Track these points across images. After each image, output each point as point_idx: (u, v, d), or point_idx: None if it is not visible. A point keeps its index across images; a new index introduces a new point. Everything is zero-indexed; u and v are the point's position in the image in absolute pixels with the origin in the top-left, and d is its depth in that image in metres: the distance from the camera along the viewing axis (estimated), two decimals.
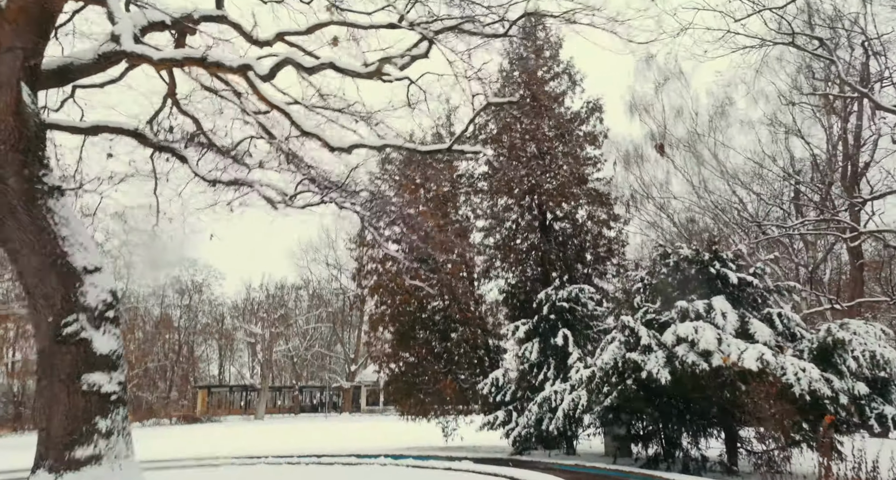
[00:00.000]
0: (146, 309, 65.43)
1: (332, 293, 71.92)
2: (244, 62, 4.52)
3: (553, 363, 12.95)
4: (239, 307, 71.83)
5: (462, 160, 15.98)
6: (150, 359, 53.41)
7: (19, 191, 6.69)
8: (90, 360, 6.55)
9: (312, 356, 72.91)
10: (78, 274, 6.76)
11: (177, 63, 4.62)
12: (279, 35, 10.04)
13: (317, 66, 4.46)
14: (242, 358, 78.94)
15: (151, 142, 7.96)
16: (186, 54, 4.55)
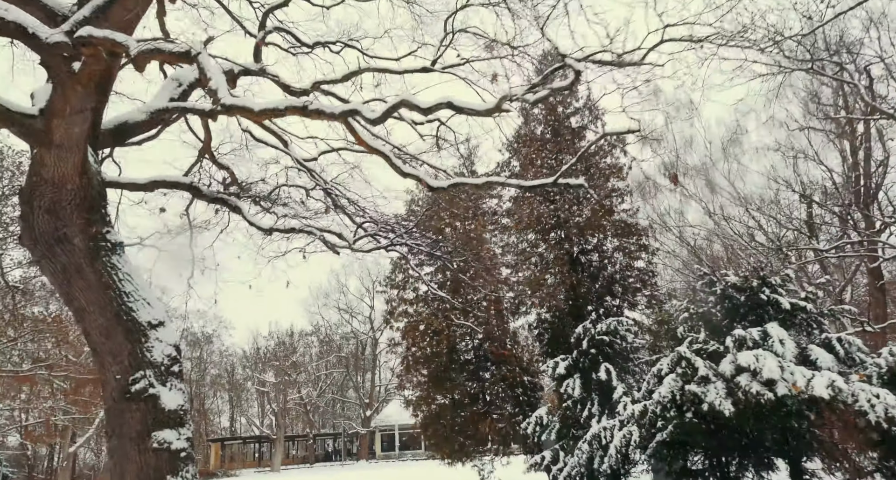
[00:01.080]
0: None
1: (344, 337, 71.47)
2: (351, 107, 4.61)
3: (597, 398, 12.77)
4: (250, 357, 71.40)
5: (488, 197, 16.13)
6: None
7: (85, 250, 6.78)
8: (159, 417, 6.52)
9: (325, 403, 71.97)
10: (143, 329, 6.79)
11: (278, 113, 4.72)
12: (315, 84, 10.33)
13: (433, 107, 4.52)
14: (253, 409, 77.97)
15: (205, 194, 8.09)
16: (288, 103, 4.66)
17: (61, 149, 6.45)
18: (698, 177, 29.23)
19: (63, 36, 6.07)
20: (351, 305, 69.44)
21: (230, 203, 8.02)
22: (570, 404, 12.80)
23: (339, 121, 4.65)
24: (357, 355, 69.04)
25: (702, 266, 27.02)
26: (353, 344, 71.25)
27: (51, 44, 5.98)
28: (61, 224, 6.75)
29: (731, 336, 9.08)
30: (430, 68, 10.95)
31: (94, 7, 6.42)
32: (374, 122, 4.63)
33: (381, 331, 67.71)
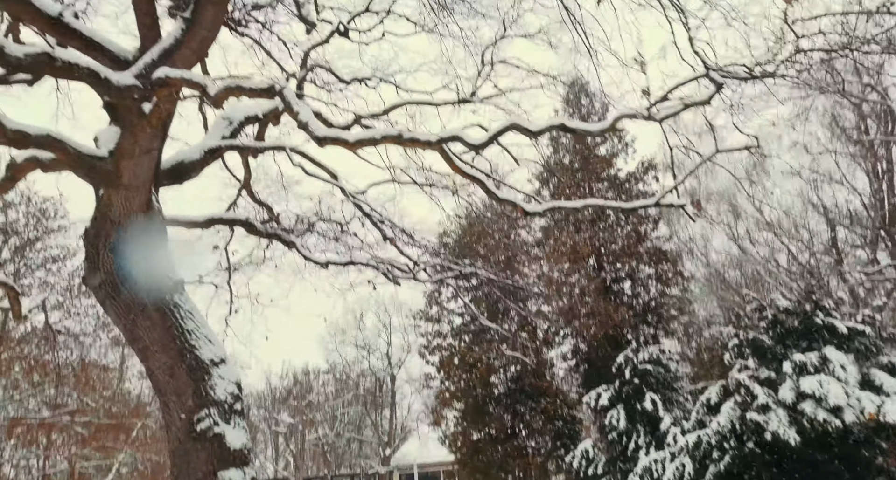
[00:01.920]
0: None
1: (361, 374, 70.75)
2: (451, 134, 4.66)
3: (642, 429, 12.52)
4: (265, 397, 70.76)
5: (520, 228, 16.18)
6: None
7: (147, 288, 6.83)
8: (224, 456, 6.46)
9: (343, 443, 70.94)
10: (206, 367, 6.79)
11: (374, 142, 4.78)
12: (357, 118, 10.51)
13: (544, 129, 4.56)
14: (266, 451, 76.85)
15: (259, 230, 8.18)
16: (384, 133, 4.74)
17: (129, 190, 6.57)
18: (722, 203, 29.22)
19: (133, 79, 6.24)
20: (367, 341, 69.06)
21: (284, 238, 8.10)
22: (615, 436, 12.55)
23: (434, 148, 4.70)
24: (375, 392, 68.23)
25: (728, 292, 26.78)
26: (371, 382, 70.54)
27: (122, 86, 6.14)
28: (126, 264, 6.82)
29: (790, 361, 8.93)
30: (468, 99, 11.13)
31: (161, 50, 6.62)
32: (478, 148, 4.68)
33: (400, 367, 67.31)
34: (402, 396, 67.85)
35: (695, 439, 9.66)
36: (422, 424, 67.03)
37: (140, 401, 40.35)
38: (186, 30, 6.74)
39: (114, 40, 7.50)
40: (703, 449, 9.42)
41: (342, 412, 70.16)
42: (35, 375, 28.34)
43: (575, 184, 16.16)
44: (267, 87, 4.94)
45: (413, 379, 70.14)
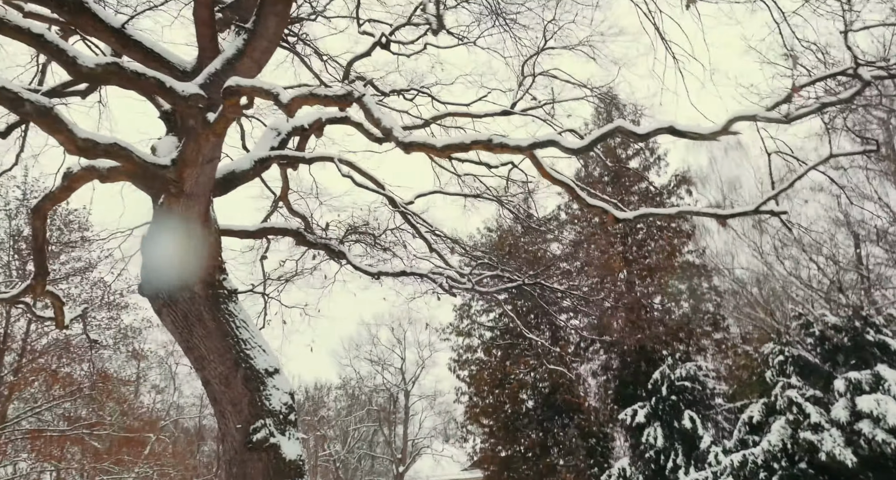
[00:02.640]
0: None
1: (374, 390, 70.37)
2: (547, 138, 4.63)
3: (680, 448, 12.33)
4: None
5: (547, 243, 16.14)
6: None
7: (204, 297, 6.88)
8: (280, 467, 6.44)
9: (355, 459, 70.43)
10: (261, 377, 6.80)
11: (463, 147, 4.78)
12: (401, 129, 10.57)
13: (652, 132, 4.49)
14: None
15: (309, 240, 8.22)
16: (474, 138, 4.73)
17: (190, 199, 6.64)
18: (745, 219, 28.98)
19: (198, 88, 6.33)
20: (382, 356, 68.78)
21: (333, 248, 8.13)
22: (652, 454, 12.38)
23: (525, 153, 4.66)
24: (388, 409, 67.80)
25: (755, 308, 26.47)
26: (384, 398, 70.17)
27: (187, 96, 6.23)
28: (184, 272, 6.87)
29: (843, 379, 8.78)
30: (510, 111, 11.19)
31: (224, 60, 6.74)
32: (577, 152, 4.63)
33: (414, 383, 67.05)
34: (414, 412, 67.43)
35: (740, 458, 9.50)
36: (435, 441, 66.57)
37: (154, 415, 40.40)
38: (248, 40, 6.86)
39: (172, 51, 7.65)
40: (749, 469, 9.25)
41: (354, 428, 69.80)
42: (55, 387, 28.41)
43: (610, 198, 16.10)
44: (343, 95, 4.97)
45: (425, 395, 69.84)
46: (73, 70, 6.01)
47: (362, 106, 4.84)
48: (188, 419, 60.84)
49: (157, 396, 40.67)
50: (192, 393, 62.82)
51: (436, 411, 69.87)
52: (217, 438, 67.25)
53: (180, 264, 6.84)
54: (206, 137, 6.37)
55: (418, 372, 69.29)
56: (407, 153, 4.84)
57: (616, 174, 16.51)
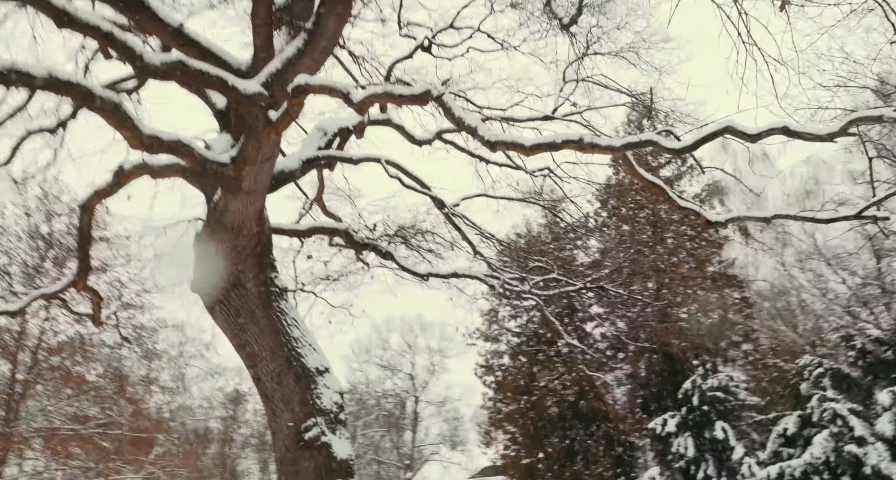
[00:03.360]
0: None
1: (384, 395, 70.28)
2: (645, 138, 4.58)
3: (711, 459, 12.27)
4: None
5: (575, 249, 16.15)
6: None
7: (257, 294, 6.95)
8: (331, 466, 6.49)
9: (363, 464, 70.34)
10: (312, 375, 6.85)
11: (553, 147, 4.76)
12: (438, 134, 10.63)
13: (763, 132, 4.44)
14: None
15: (356, 240, 8.29)
16: (564, 138, 4.72)
17: (248, 196, 6.71)
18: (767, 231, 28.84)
19: (259, 86, 6.41)
20: (392, 361, 68.69)
21: (381, 248, 8.18)
22: (683, 464, 12.32)
23: (616, 154, 4.66)
24: (397, 414, 67.73)
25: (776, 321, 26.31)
26: (392, 403, 70.12)
27: (249, 94, 6.31)
28: (237, 270, 6.94)
29: (889, 392, 8.73)
30: (551, 116, 11.21)
31: (284, 59, 6.83)
32: (680, 152, 4.61)
33: (424, 389, 67.00)
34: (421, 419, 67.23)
35: (777, 471, 9.47)
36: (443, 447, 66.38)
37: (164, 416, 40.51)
38: (308, 40, 6.95)
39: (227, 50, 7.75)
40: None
41: (362, 432, 69.72)
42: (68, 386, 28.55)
43: (638, 206, 16.13)
44: (420, 94, 4.99)
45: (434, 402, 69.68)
46: (139, 66, 6.08)
47: (442, 105, 4.85)
48: (196, 420, 61.00)
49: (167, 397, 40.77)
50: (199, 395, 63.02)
51: (443, 418, 70.00)
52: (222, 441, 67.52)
53: (233, 262, 6.91)
54: (266, 135, 6.44)
55: (429, 377, 69.31)
56: (493, 151, 4.85)
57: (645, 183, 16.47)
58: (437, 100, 4.95)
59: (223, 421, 68.55)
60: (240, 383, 67.06)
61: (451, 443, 66.51)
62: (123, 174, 7.93)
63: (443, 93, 4.87)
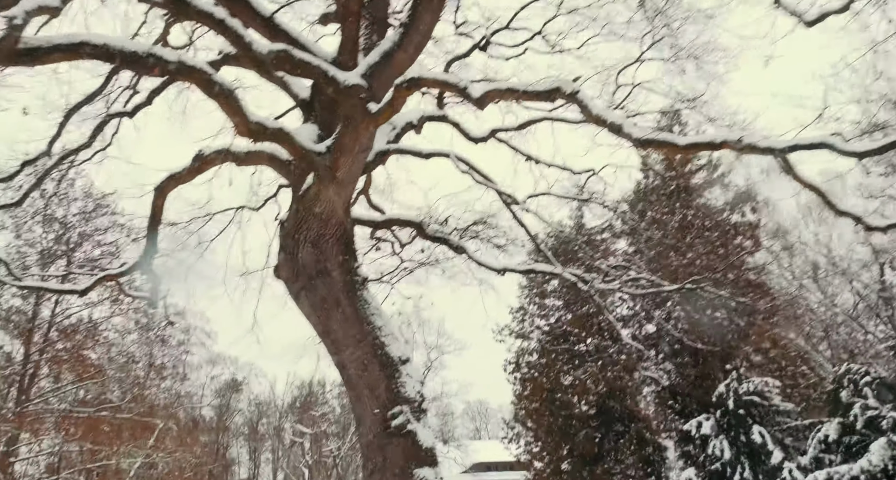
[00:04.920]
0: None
1: None
2: (819, 140, 4.31)
3: (747, 462, 12.50)
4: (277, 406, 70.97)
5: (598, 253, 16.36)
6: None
7: (341, 283, 7.12)
8: (418, 454, 6.66)
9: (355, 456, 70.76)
10: (395, 364, 7.02)
11: (712, 146, 4.73)
12: (493, 132, 10.80)
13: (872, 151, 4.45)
14: (268, 460, 76.85)
15: (428, 233, 8.45)
16: (724, 138, 4.66)
17: (340, 186, 6.88)
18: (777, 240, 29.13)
19: (359, 78, 6.57)
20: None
21: (452, 242, 8.35)
22: (718, 467, 12.55)
23: (777, 156, 4.57)
24: None
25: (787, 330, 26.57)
26: None
27: (349, 85, 6.46)
28: (323, 257, 7.12)
29: None
30: None
31: (381, 53, 6.99)
32: (862, 156, 4.47)
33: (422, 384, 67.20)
34: None
35: (825, 476, 9.68)
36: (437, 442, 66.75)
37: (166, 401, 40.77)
38: (404, 34, 7.10)
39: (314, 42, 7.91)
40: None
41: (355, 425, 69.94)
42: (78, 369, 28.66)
43: (670, 211, 16.34)
44: (549, 90, 5.10)
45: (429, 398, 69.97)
46: (248, 54, 6.25)
47: (577, 102, 4.96)
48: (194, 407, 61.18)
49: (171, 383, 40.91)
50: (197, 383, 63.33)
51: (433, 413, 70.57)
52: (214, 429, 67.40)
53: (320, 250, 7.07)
54: (365, 127, 6.61)
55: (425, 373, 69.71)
56: (642, 149, 4.94)
57: (677, 188, 16.72)
58: (569, 98, 5.05)
59: (217, 410, 68.73)
60: (235, 372, 67.08)
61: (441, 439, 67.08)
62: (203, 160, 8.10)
63: (577, 89, 4.95)
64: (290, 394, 69.20)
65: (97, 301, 30.25)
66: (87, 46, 4.50)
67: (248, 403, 72.33)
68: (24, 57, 4.10)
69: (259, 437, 73.15)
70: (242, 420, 72.72)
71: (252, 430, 72.17)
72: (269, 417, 74.07)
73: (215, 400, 68.65)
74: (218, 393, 67.66)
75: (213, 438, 66.60)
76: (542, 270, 8.15)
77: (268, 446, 76.97)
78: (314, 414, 63.75)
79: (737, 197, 16.86)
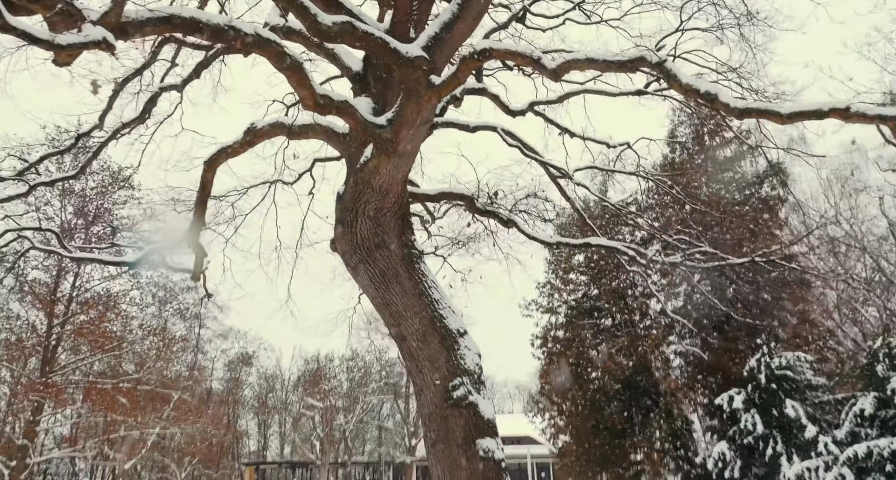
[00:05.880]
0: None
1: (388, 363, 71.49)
2: None
3: (779, 436, 12.69)
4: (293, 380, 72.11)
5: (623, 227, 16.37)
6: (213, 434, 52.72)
7: (400, 256, 7.21)
8: (479, 425, 6.80)
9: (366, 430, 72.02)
10: (454, 336, 7.13)
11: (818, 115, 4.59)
12: (531, 104, 10.76)
13: None
14: (277, 433, 78.42)
15: (478, 207, 8.50)
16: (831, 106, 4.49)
17: (400, 159, 6.91)
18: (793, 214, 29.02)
19: (420, 50, 6.55)
20: None
21: (502, 216, 8.40)
22: (750, 441, 12.74)
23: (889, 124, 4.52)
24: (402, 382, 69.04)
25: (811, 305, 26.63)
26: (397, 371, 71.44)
27: (411, 57, 6.44)
28: (381, 230, 7.19)
29: None
30: (644, 91, 11.28)
31: (441, 24, 6.95)
32: None
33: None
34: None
35: (864, 450, 9.84)
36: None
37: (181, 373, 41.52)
38: (462, 6, 7.04)
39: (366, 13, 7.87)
40: (875, 461, 9.57)
41: (367, 399, 70.98)
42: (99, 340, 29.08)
43: (698, 185, 16.28)
44: (631, 60, 5.04)
45: None
46: (313, 27, 6.22)
47: (663, 72, 4.90)
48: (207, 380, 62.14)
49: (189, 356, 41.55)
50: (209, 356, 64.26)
51: None
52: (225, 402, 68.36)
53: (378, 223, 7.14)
54: (428, 99, 6.61)
55: None
56: (740, 119, 4.83)
57: (705, 160, 16.64)
58: (656, 67, 4.98)
59: (227, 383, 69.83)
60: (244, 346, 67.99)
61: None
62: (255, 133, 8.16)
63: (664, 59, 4.88)
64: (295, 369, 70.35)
65: (116, 274, 30.62)
66: (177, 19, 4.53)
67: (258, 377, 73.56)
68: (121, 31, 4.13)
69: (268, 410, 74.54)
70: (251, 394, 74.01)
71: (262, 404, 73.46)
72: (277, 391, 75.49)
73: (226, 373, 69.73)
74: (229, 367, 68.71)
75: (224, 411, 67.83)
76: (598, 244, 8.19)
77: (276, 420, 78.56)
78: (324, 388, 64.74)
79: (766, 170, 16.77)
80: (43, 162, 7.67)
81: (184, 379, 39.10)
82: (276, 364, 78.14)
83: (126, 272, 30.36)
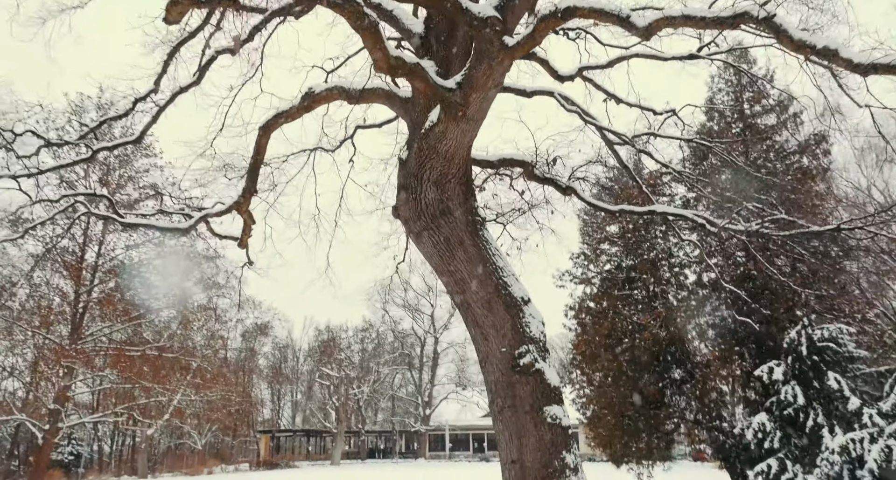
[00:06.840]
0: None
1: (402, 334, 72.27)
2: None
3: (820, 408, 12.71)
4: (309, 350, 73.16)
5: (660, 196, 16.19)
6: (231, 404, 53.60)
7: (464, 222, 7.15)
8: (546, 392, 6.82)
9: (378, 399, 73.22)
10: (518, 304, 7.11)
11: None
12: (580, 70, 10.52)
13: None
14: (289, 401, 79.96)
15: (536, 174, 8.40)
16: None
17: (468, 123, 6.80)
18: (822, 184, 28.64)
19: (493, 10, 6.38)
20: (412, 303, 70.09)
21: (560, 183, 8.29)
22: (790, 412, 12.77)
23: None
24: (415, 353, 69.89)
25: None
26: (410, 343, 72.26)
27: (485, 18, 6.28)
28: (445, 197, 7.12)
29: None
30: (696, 55, 10.99)
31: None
32: None
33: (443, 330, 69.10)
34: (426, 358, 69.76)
35: None
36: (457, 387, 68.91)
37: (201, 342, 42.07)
38: None
39: None
40: None
41: (380, 370, 71.94)
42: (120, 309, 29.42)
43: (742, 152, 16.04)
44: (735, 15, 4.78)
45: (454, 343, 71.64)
46: None
47: (772, 26, 4.60)
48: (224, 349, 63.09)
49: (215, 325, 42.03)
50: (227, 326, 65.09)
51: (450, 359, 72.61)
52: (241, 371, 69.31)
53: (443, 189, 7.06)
54: (500, 61, 6.46)
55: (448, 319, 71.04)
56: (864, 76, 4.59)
57: (745, 128, 16.36)
58: (762, 23, 4.71)
59: (241, 353, 70.90)
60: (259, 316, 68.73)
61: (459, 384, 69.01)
62: (314, 98, 8.06)
63: (771, 13, 4.61)
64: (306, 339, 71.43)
65: (140, 242, 30.82)
66: None
67: (273, 347, 74.68)
68: None
69: (281, 380, 75.81)
70: (266, 364, 75.21)
71: (276, 373, 74.68)
72: (289, 361, 76.73)
73: (242, 343, 70.70)
74: (245, 336, 69.66)
75: (240, 379, 68.95)
76: (663, 212, 8.08)
77: (289, 389, 79.96)
78: (339, 358, 65.61)
79: (808, 139, 16.49)
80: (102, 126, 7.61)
81: (204, 348, 39.73)
82: (287, 334, 79.40)
83: (151, 240, 30.55)
